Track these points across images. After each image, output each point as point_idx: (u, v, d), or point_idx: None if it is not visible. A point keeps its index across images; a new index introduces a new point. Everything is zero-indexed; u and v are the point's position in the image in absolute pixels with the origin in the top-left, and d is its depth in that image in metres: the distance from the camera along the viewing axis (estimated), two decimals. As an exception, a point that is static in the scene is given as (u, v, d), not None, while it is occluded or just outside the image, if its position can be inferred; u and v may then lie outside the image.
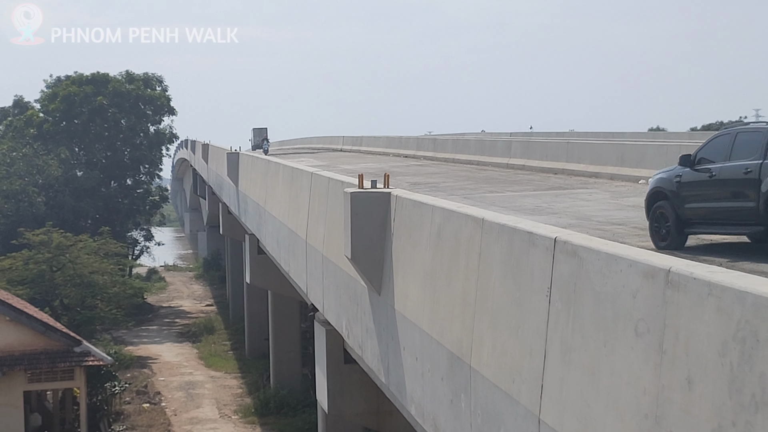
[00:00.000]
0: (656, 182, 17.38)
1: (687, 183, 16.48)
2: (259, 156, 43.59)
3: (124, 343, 60.68)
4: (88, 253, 57.52)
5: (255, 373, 51.99)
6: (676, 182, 16.73)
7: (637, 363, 7.66)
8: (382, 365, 16.46)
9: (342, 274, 19.57)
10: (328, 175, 23.06)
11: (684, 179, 16.55)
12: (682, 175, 16.62)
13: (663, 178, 17.26)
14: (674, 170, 16.92)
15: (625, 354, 7.85)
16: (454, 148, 58.85)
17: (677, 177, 16.73)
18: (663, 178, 17.24)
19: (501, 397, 10.56)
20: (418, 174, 44.92)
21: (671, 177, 16.93)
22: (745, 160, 15.03)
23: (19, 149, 77.13)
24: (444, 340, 12.66)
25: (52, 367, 36.70)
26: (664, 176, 17.25)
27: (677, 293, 7.20)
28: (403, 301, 14.93)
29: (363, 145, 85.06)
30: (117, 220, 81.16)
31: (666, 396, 7.27)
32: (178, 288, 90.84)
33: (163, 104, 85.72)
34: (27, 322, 37.03)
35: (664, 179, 17.17)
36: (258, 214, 37.78)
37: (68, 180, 76.95)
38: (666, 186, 16.97)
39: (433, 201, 14.18)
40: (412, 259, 14.61)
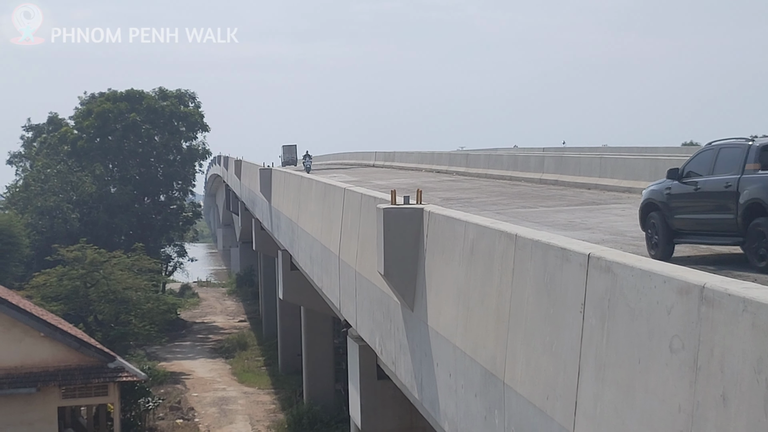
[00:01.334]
0: (648, 194, 18.08)
1: (675, 195, 17.24)
2: (292, 172, 43.69)
3: (158, 358, 60.85)
4: (122, 269, 57.79)
5: (288, 389, 52.02)
6: (666, 194, 17.48)
7: (672, 380, 7.63)
8: (416, 381, 16.44)
9: (375, 290, 19.57)
10: (360, 190, 23.08)
11: (673, 191, 17.33)
12: (671, 188, 17.39)
13: (654, 189, 18.05)
14: (665, 182, 17.66)
15: (660, 371, 7.82)
16: (486, 164, 58.81)
17: (667, 189, 17.48)
18: (654, 190, 17.94)
19: (535, 414, 10.53)
20: (450, 189, 44.90)
21: (662, 189, 17.66)
22: (726, 174, 15.94)
23: (54, 166, 77.74)
24: (477, 356, 12.64)
25: (86, 382, 36.85)
26: (656, 188, 18.01)
27: (712, 309, 7.17)
28: (437, 317, 14.92)
29: (395, 160, 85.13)
30: (150, 236, 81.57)
31: (701, 413, 7.24)
32: (211, 304, 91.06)
33: (196, 121, 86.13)
34: (61, 337, 37.22)
35: (655, 191, 17.89)
36: (291, 230, 37.84)
37: (102, 196, 77.44)
38: (657, 198, 17.71)
39: (466, 217, 14.17)
40: (445, 274, 14.60)
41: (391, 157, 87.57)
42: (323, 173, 64.65)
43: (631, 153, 60.42)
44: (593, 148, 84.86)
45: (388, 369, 20.01)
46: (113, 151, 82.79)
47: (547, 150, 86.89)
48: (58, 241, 63.88)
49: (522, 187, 45.01)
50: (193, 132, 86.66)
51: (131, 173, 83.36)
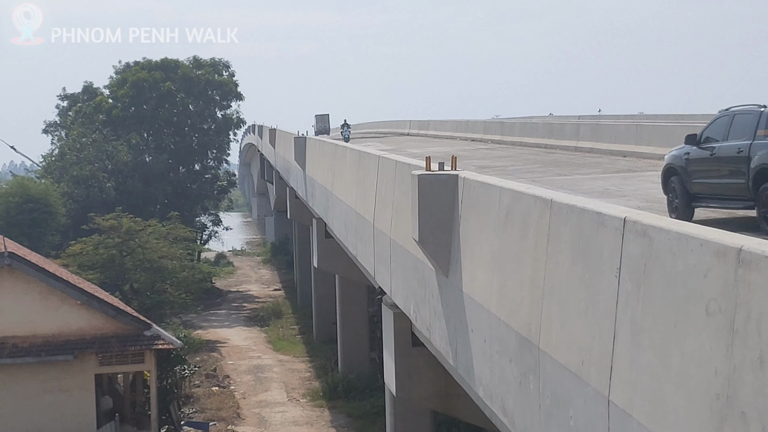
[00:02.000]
0: (669, 159, 18.65)
1: (693, 160, 17.75)
2: (327, 140, 43.69)
3: (193, 327, 61.19)
4: (157, 237, 58.00)
5: (323, 357, 52.20)
6: (685, 159, 18.01)
7: (708, 343, 7.60)
8: (450, 348, 16.47)
9: (410, 257, 19.59)
10: (395, 158, 23.08)
11: (691, 156, 17.85)
12: (689, 153, 17.90)
13: (674, 155, 18.50)
14: (684, 148, 18.20)
15: (696, 334, 7.80)
16: (521, 132, 58.60)
17: (686, 154, 18.01)
18: (675, 155, 18.49)
19: (570, 379, 10.53)
20: (485, 157, 44.80)
21: (681, 154, 18.20)
22: (739, 140, 16.44)
23: (89, 135, 77.97)
24: (512, 322, 12.64)
25: (123, 350, 37.06)
26: (676, 153, 18.48)
27: (749, 272, 7.13)
28: (471, 284, 14.91)
29: (430, 129, 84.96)
30: (185, 205, 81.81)
31: (738, 376, 7.21)
32: (246, 273, 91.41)
33: (230, 89, 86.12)
34: (98, 306, 37.43)
35: (675, 156, 18.45)
36: (325, 198, 37.89)
37: (137, 165, 77.71)
38: (676, 162, 18.24)
39: (501, 182, 14.14)
40: (480, 241, 14.59)
41: (426, 126, 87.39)
42: (357, 142, 64.61)
43: (667, 120, 60.04)
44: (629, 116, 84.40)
45: (422, 336, 20.04)
46: (148, 120, 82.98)
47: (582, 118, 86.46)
48: (94, 210, 64.11)
49: (557, 155, 44.84)
50: (228, 101, 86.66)
51: (166, 142, 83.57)
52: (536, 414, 11.70)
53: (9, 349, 36.06)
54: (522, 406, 12.30)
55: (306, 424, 40.86)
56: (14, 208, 63.72)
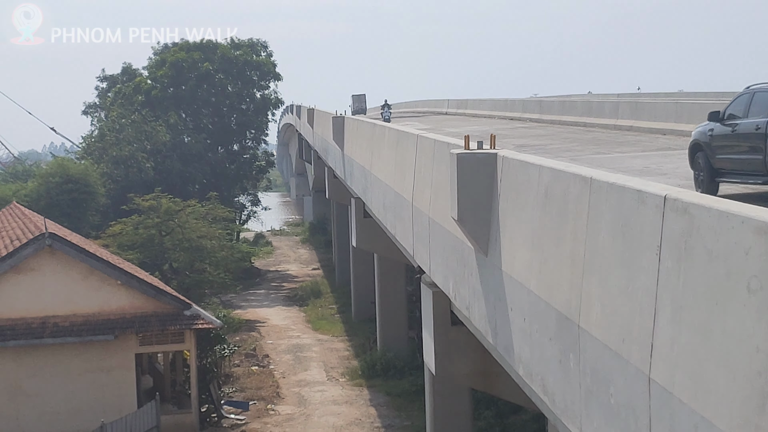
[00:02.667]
0: (695, 135, 19.09)
1: (717, 136, 18.16)
2: (365, 119, 43.70)
3: (233, 306, 61.47)
4: (196, 218, 58.22)
5: (361, 336, 52.35)
6: (709, 135, 18.41)
7: (750, 321, 7.57)
8: (490, 326, 16.48)
9: (448, 236, 19.60)
10: (434, 137, 23.06)
11: (714, 133, 18.26)
12: (713, 129, 18.32)
13: (700, 131, 18.90)
14: (709, 125, 18.60)
15: (738, 312, 7.77)
16: (560, 110, 58.38)
17: (710, 131, 18.42)
18: (700, 131, 18.90)
19: (610, 357, 10.52)
20: (524, 136, 44.68)
21: (706, 131, 18.61)
22: (757, 117, 16.84)
23: (128, 116, 78.31)
24: (552, 300, 12.63)
25: (163, 329, 37.29)
26: (701, 129, 18.87)
27: (791, 249, 7.10)
28: (511, 262, 14.91)
29: (468, 108, 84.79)
30: (224, 186, 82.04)
31: (780, 354, 7.19)
32: (284, 252, 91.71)
33: (268, 70, 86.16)
34: (138, 285, 37.66)
35: (700, 132, 18.85)
36: (364, 178, 37.92)
37: (176, 145, 77.97)
38: (701, 138, 18.66)
39: (540, 161, 14.11)
40: (520, 219, 14.58)
41: (464, 105, 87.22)
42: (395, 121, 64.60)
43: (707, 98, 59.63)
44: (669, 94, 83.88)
45: (461, 314, 20.06)
46: (187, 100, 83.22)
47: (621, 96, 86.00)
48: (134, 191, 64.41)
49: (596, 133, 44.66)
50: (266, 81, 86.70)
51: (204, 122, 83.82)
52: (576, 392, 11.71)
53: (50, 329, 36.39)
54: (562, 385, 12.31)
55: (345, 403, 41.02)
56: (54, 189, 64.16)
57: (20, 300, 36.61)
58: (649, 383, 9.41)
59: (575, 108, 56.01)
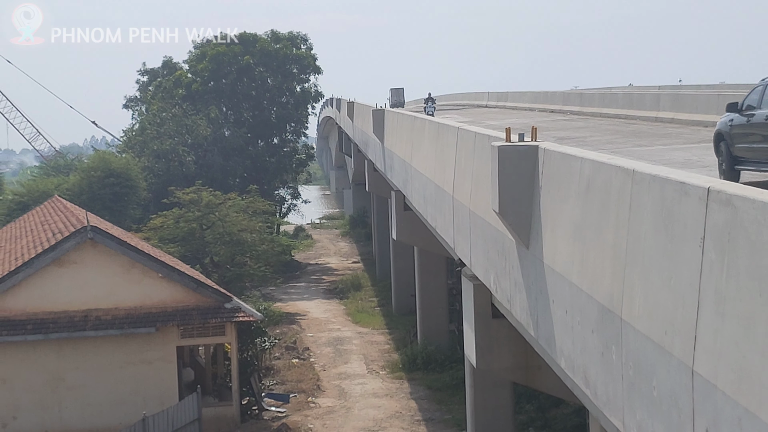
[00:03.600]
0: (719, 125, 19.81)
1: (735, 126, 18.95)
2: (405, 112, 43.73)
3: (273, 299, 61.66)
4: (237, 211, 58.41)
5: (402, 329, 52.40)
6: (729, 125, 19.17)
7: (795, 312, 7.55)
8: (531, 319, 16.48)
9: (489, 229, 19.60)
10: (474, 129, 23.07)
11: (734, 123, 19.04)
12: (733, 120, 19.11)
13: (723, 121, 19.65)
14: (729, 115, 19.37)
15: (782, 303, 7.74)
16: (601, 103, 58.15)
17: (730, 121, 19.19)
18: (722, 121, 19.64)
19: (653, 349, 10.50)
20: (564, 129, 44.55)
21: (727, 121, 19.37)
22: None
23: (169, 110, 78.72)
24: (594, 292, 12.62)
25: (204, 322, 37.46)
26: (724, 119, 19.61)
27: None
28: (552, 255, 14.91)
29: (508, 100, 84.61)
30: (264, 179, 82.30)
31: (825, 346, 7.16)
32: (324, 245, 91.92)
33: (308, 63, 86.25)
34: (179, 278, 37.87)
35: (723, 122, 19.61)
36: (404, 171, 37.95)
37: (216, 139, 78.24)
38: (723, 128, 19.42)
39: (582, 153, 14.10)
40: (561, 212, 14.57)
41: (504, 98, 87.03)
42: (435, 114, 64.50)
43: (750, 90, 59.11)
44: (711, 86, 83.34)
45: (503, 307, 20.07)
46: (227, 94, 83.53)
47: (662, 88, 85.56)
48: (174, 184, 64.80)
49: (637, 125, 44.44)
50: (306, 74, 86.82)
51: (245, 116, 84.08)
52: (619, 385, 11.70)
53: (93, 321, 36.66)
54: (604, 377, 12.30)
55: (385, 396, 41.08)
56: (96, 183, 64.64)
57: (62, 293, 36.90)
58: (692, 376, 9.39)
59: (616, 100, 55.77)
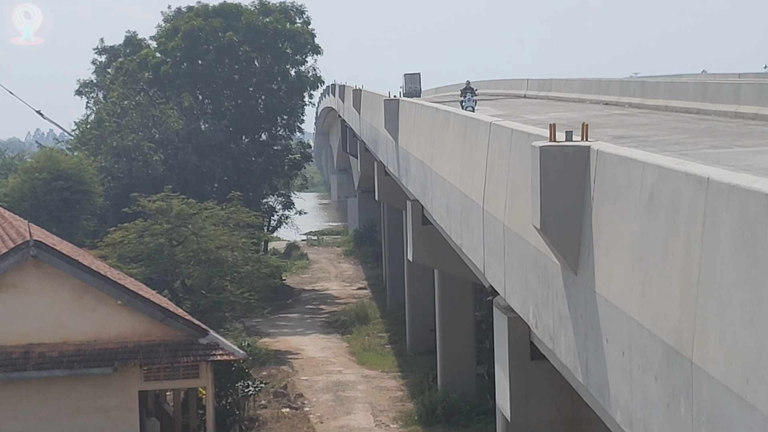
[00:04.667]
0: None
1: None
2: (425, 103, 43.72)
3: (259, 333, 61.69)
4: (215, 223, 58.42)
5: (418, 372, 52.36)
6: None
7: None
8: (579, 361, 16.45)
9: (529, 249, 19.58)
10: (510, 125, 23.03)
11: None
12: None
13: None
14: None
15: None
16: (667, 94, 58.10)
17: None
18: None
19: (731, 401, 10.47)
20: (622, 125, 44.53)
21: None
22: None
23: (132, 97, 78.72)
24: (658, 329, 12.59)
25: (173, 362, 37.45)
26: None
27: None
28: (606, 282, 14.88)
29: (552, 90, 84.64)
30: (250, 184, 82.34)
31: None
32: (323, 267, 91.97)
33: (305, 41, 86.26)
34: (142, 307, 37.87)
35: None
36: (422, 176, 37.94)
37: (190, 134, 78.25)
38: None
39: (644, 156, 14.07)
40: (618, 229, 14.54)
41: (547, 86, 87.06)
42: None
43: None
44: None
45: (544, 346, 20.03)
46: (204, 78, 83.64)
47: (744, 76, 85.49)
48: (138, 189, 64.86)
49: (712, 122, 44.42)
50: (302, 55, 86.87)
51: (226, 106, 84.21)
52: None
53: (35, 359, 36.62)
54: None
55: (398, 455, 41.09)
56: (41, 187, 64.55)
57: (-2, 323, 36.90)
58: (780, 434, 9.37)
59: (686, 91, 55.71)
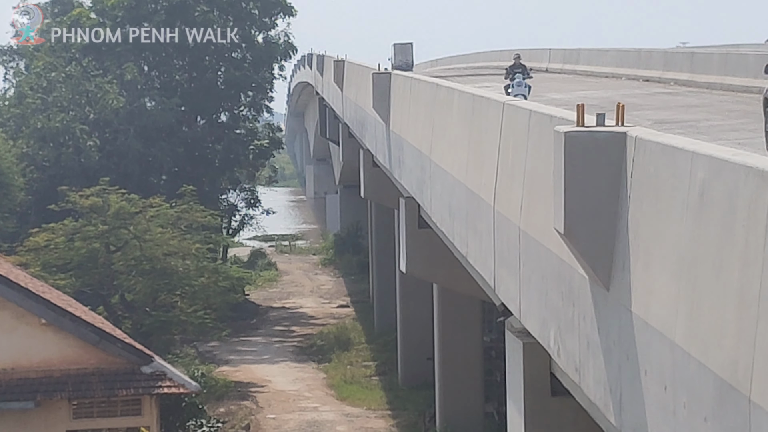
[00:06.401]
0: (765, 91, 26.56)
1: None
2: (423, 78, 43.71)
3: (216, 361, 61.71)
4: (163, 224, 58.38)
5: (413, 410, 52.42)
6: None
7: None
8: (612, 398, 16.47)
9: (550, 259, 19.60)
10: (528, 106, 23.07)
11: None
12: None
13: None
14: None
15: None
16: (722, 68, 58.19)
17: None
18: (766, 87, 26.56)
19: (798, 448, 10.50)
20: (666, 107, 44.62)
21: None
22: None
23: (62, 68, 78.54)
24: (709, 359, 12.61)
25: (109, 395, 37.45)
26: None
27: None
28: (646, 300, 14.90)
29: (580, 62, 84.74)
30: (206, 176, 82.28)
31: None
32: (296, 279, 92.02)
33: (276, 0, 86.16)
34: (72, 327, 37.84)
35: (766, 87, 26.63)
36: (419, 167, 37.97)
37: (133, 114, 78.11)
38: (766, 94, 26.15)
39: (692, 145, 14.09)
40: (660, 234, 14.56)
41: (574, 58, 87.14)
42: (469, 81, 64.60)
43: None
44: None
45: (568, 379, 20.06)
46: (151, 46, 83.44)
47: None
48: (68, 182, 64.78)
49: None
50: (272, 18, 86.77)
51: (177, 80, 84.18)
52: (745, 501, 11.69)
53: (-61, 390, 36.61)
54: (723, 489, 12.29)
55: None
56: (-54, 178, 64.51)
57: None
58: None
59: (746, 65, 55.79)
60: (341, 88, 68.32)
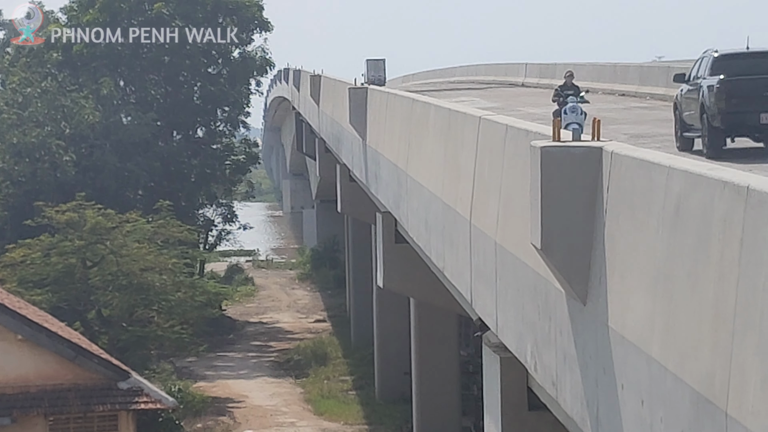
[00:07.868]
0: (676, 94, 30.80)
1: (682, 95, 29.79)
2: (399, 93, 43.77)
3: (193, 376, 61.59)
4: (139, 240, 58.33)
5: (389, 424, 52.40)
6: (680, 94, 30.07)
7: None
8: (589, 412, 16.50)
9: (526, 273, 19.63)
10: (504, 121, 23.11)
11: (683, 92, 29.93)
12: (682, 89, 30.12)
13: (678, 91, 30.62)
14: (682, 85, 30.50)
15: None
16: (698, 82, 58.35)
17: (681, 90, 30.23)
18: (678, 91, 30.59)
19: (775, 462, 10.52)
20: (642, 121, 44.69)
21: (680, 90, 30.45)
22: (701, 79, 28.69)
23: (37, 83, 78.37)
24: (685, 373, 12.64)
25: (86, 411, 37.39)
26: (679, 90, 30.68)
27: None
28: (622, 314, 14.93)
29: (556, 77, 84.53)
30: (182, 191, 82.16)
31: None
32: (273, 294, 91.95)
33: (252, 15, 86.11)
34: (48, 342, 37.78)
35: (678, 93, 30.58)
36: (396, 182, 38.00)
37: (109, 129, 77.97)
38: (677, 99, 30.19)
39: (668, 160, 14.13)
40: (636, 249, 14.59)
41: (550, 72, 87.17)
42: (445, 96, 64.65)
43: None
44: None
45: (545, 393, 20.09)
46: (127, 61, 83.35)
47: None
48: (43, 197, 64.66)
49: (755, 117, 44.61)
50: (248, 33, 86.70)
51: (153, 95, 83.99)
52: None
53: None
54: (700, 504, 12.31)
55: None
56: None
57: None
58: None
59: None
60: (318, 103, 68.36)
